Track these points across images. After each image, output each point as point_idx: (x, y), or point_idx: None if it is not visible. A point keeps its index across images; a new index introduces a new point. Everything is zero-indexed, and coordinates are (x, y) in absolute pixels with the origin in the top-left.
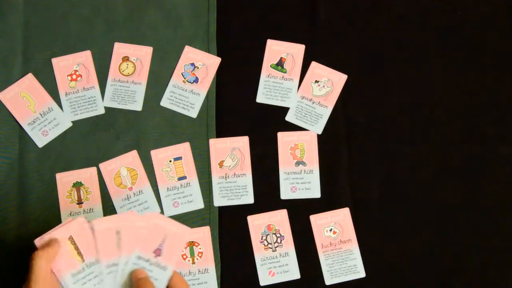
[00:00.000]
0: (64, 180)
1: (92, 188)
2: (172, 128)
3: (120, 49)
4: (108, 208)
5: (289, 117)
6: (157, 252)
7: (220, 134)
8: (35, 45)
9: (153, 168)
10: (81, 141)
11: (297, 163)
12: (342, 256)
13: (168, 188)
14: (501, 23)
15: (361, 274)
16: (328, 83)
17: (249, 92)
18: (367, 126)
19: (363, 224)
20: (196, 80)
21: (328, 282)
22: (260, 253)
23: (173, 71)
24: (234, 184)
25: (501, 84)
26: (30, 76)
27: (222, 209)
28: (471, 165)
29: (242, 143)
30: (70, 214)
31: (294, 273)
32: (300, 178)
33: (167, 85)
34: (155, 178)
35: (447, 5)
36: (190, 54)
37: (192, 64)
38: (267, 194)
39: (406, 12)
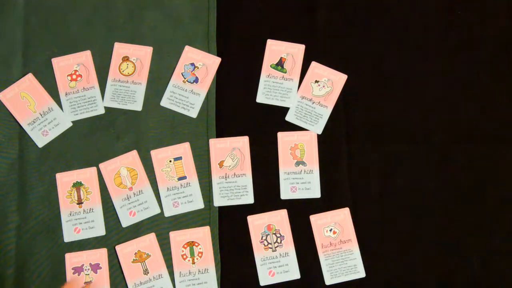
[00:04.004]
0: (64, 180)
1: (92, 188)
2: (172, 128)
3: (120, 49)
4: (108, 208)
5: (289, 117)
6: None
7: (220, 134)
8: (35, 45)
9: (153, 168)
10: (81, 141)
11: (297, 163)
12: (342, 256)
13: (168, 188)
14: (501, 23)
15: (361, 274)
16: (328, 83)
17: (249, 92)
18: (367, 126)
19: (363, 224)
20: (196, 80)
21: (328, 282)
22: (260, 253)
23: (173, 71)
24: (234, 184)
25: (501, 84)
26: (30, 76)
27: (222, 209)
28: (471, 165)
29: (242, 143)
30: (70, 214)
31: (294, 273)
32: (300, 178)
33: (167, 85)
34: (155, 178)
35: (447, 5)
36: (190, 54)
37: (192, 64)
38: (267, 194)
39: (406, 12)
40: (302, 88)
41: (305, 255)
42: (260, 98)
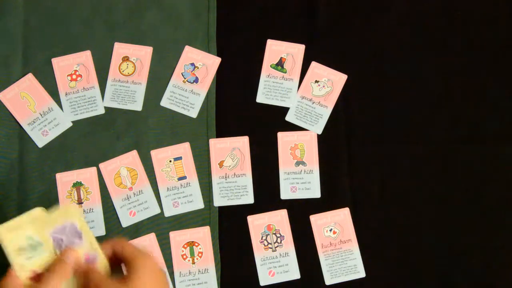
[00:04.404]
0: (64, 180)
1: (92, 188)
2: (172, 128)
3: (120, 49)
4: (108, 208)
5: (289, 117)
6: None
7: (220, 134)
8: (35, 45)
9: (153, 168)
10: (81, 141)
11: (297, 163)
12: (342, 256)
13: (168, 188)
14: (501, 23)
15: (361, 274)
16: (328, 83)
17: (249, 92)
18: (367, 126)
19: (363, 224)
20: (196, 80)
21: (328, 282)
22: (260, 253)
23: (173, 71)
24: (234, 184)
25: (501, 84)
26: (30, 76)
27: (222, 209)
28: (471, 165)
29: (242, 143)
30: None
31: (294, 273)
32: (300, 178)
33: (167, 85)
34: (155, 178)
35: (447, 5)
36: (190, 54)
37: (192, 64)
38: (267, 194)
39: (406, 12)
40: (302, 88)
41: (305, 255)
42: (260, 98)
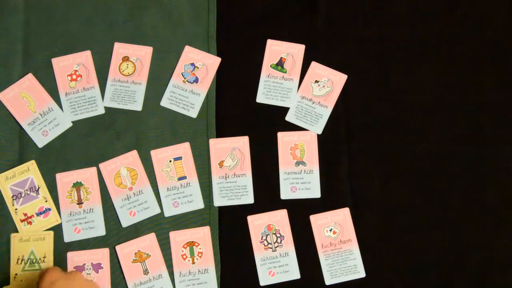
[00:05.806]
0: (64, 180)
1: (92, 188)
2: (172, 128)
3: (120, 49)
4: (108, 208)
5: (289, 117)
6: None
7: (220, 134)
8: (35, 45)
9: (153, 168)
10: (81, 141)
11: (297, 163)
12: (342, 256)
13: (168, 188)
14: (501, 23)
15: (361, 274)
16: (328, 83)
17: (249, 92)
18: (367, 126)
19: (363, 224)
20: (196, 80)
21: (328, 282)
22: (260, 253)
23: (173, 71)
24: (234, 184)
25: (501, 84)
26: (30, 76)
27: (222, 209)
28: (471, 165)
29: (242, 143)
30: (70, 214)
31: (294, 273)
32: (300, 178)
33: (167, 85)
34: (155, 178)
35: (447, 5)
36: (190, 54)
37: (192, 64)
38: (267, 194)
39: (406, 12)
40: (302, 88)
41: (305, 255)
42: (260, 98)
